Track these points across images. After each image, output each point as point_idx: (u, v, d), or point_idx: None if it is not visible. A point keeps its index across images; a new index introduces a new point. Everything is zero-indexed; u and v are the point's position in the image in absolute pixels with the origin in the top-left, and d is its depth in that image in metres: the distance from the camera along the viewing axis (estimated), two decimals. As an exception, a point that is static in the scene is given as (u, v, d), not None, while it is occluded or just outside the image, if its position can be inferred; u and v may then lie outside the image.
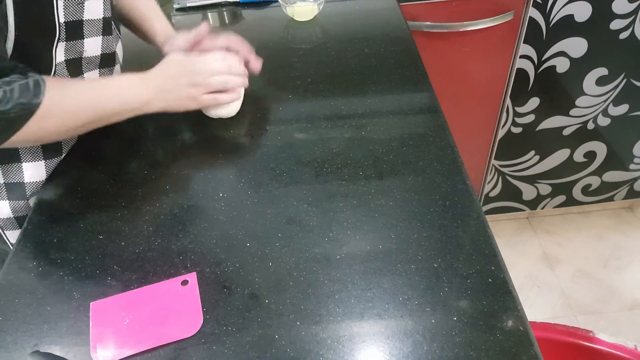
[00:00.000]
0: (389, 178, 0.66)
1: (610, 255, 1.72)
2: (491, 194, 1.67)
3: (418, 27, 1.20)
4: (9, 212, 0.71)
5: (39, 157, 0.70)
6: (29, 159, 0.69)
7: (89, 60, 0.71)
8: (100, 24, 0.69)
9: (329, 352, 0.49)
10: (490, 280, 0.54)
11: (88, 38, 0.68)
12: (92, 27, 0.68)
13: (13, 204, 0.70)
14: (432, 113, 0.76)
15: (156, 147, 0.75)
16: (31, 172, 0.70)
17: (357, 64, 0.88)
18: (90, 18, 0.67)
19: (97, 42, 0.70)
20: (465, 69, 1.32)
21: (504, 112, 1.42)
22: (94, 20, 0.68)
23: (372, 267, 0.56)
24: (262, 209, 0.64)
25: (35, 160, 0.70)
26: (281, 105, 0.80)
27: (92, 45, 0.69)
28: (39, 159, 0.70)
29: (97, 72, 0.73)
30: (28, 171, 0.69)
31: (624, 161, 1.59)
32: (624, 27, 1.25)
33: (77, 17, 0.65)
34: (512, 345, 0.48)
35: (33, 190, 0.70)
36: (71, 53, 0.67)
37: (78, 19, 0.65)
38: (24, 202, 0.71)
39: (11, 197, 0.70)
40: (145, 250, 0.60)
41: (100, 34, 0.70)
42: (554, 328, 0.91)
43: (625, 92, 1.40)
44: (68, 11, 0.63)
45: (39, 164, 0.70)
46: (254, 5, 1.10)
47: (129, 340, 0.51)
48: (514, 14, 1.21)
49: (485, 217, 0.60)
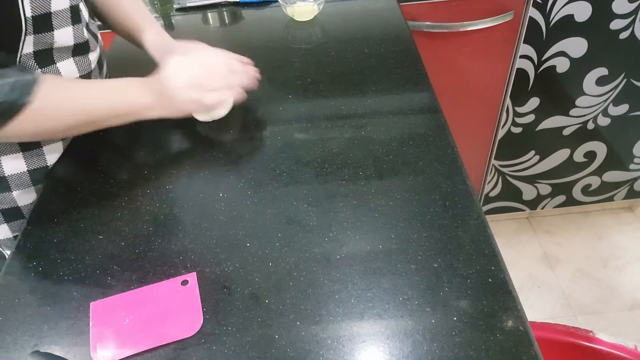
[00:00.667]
0: (389, 178, 0.66)
1: (610, 255, 1.72)
2: (491, 194, 1.67)
3: (418, 27, 1.20)
4: None
5: (16, 150, 0.69)
6: (7, 152, 0.69)
7: (61, 50, 0.68)
8: (68, 13, 0.67)
9: (329, 352, 0.49)
10: (490, 280, 0.54)
11: (58, 29, 0.66)
12: (61, 18, 0.66)
13: None
14: (432, 113, 0.76)
15: (156, 147, 0.75)
16: (10, 166, 0.69)
17: (357, 64, 0.88)
18: (58, 9, 0.65)
19: (68, 32, 0.68)
20: (466, 69, 1.32)
21: (504, 112, 1.42)
22: (62, 11, 0.65)
23: (372, 267, 0.56)
24: (262, 209, 0.64)
25: (14, 152, 0.69)
26: (281, 105, 0.80)
27: (62, 36, 0.67)
28: (17, 151, 0.69)
29: (71, 59, 0.71)
30: (7, 165, 0.69)
31: (624, 161, 1.59)
32: (624, 27, 1.25)
33: (44, 10, 0.62)
34: (512, 345, 0.48)
35: (16, 183, 0.70)
36: (40, 45, 0.65)
37: (45, 11, 0.63)
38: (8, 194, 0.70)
39: None
40: (145, 250, 0.60)
41: (69, 23, 0.67)
42: (554, 328, 0.91)
43: (625, 92, 1.40)
44: (35, 5, 0.61)
45: (18, 156, 0.69)
46: (254, 5, 1.10)
47: (129, 340, 0.51)
48: (514, 14, 1.21)
49: (485, 217, 0.60)
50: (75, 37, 0.69)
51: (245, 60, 0.78)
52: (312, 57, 0.91)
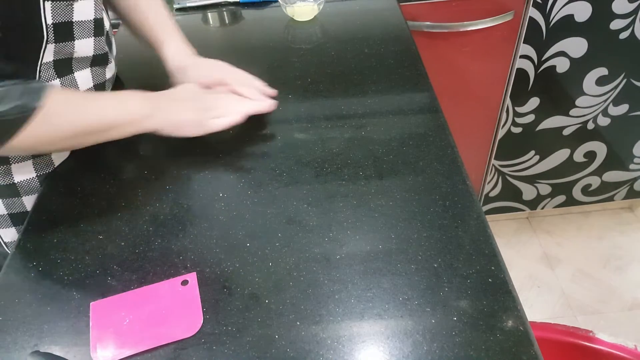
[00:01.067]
0: (389, 178, 0.66)
1: (610, 255, 1.72)
2: (491, 194, 1.67)
3: (418, 27, 1.20)
4: (3, 209, 0.71)
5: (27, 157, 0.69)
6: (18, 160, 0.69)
7: (80, 60, 0.69)
8: (91, 25, 0.68)
9: (329, 352, 0.49)
10: (490, 281, 0.54)
11: (79, 40, 0.67)
12: (83, 28, 0.67)
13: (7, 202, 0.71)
14: (432, 113, 0.76)
15: (156, 148, 0.75)
16: (20, 173, 0.69)
17: (357, 64, 0.88)
18: (80, 19, 0.65)
19: (89, 43, 0.69)
20: (466, 69, 1.32)
21: (504, 112, 1.42)
22: (85, 22, 0.66)
23: (372, 267, 0.56)
24: (262, 209, 0.64)
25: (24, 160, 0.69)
26: (281, 105, 0.79)
27: (83, 47, 0.68)
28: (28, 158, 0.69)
29: (89, 70, 0.72)
30: (17, 172, 0.69)
31: (624, 161, 1.59)
32: (624, 27, 1.25)
33: (66, 18, 0.63)
34: (512, 345, 0.48)
35: (25, 189, 0.70)
36: (61, 54, 0.66)
37: (67, 20, 0.64)
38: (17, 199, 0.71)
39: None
40: (145, 250, 0.60)
41: (92, 35, 0.68)
42: (554, 328, 0.91)
43: (625, 92, 1.40)
44: (56, 13, 0.61)
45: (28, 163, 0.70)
46: (254, 5, 1.10)
47: (129, 340, 0.51)
48: (514, 14, 1.21)
49: (485, 217, 0.60)
50: (95, 48, 0.70)
51: (261, 85, 0.77)
52: (312, 57, 0.91)
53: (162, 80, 0.79)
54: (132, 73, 0.90)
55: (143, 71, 0.91)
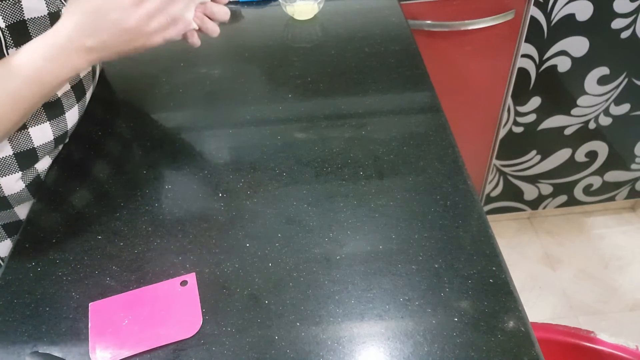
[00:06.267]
0: (390, 178, 0.66)
1: (612, 256, 1.72)
2: (492, 194, 1.67)
3: (419, 26, 1.20)
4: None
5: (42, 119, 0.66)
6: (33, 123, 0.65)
7: None
8: (47, 20, 0.63)
9: (329, 353, 0.49)
10: (492, 281, 0.53)
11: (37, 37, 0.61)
12: (39, 25, 0.62)
13: None
14: (432, 112, 0.76)
15: (155, 147, 0.75)
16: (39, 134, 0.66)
17: (357, 63, 0.87)
18: (33, 16, 0.61)
19: None
20: (466, 68, 1.32)
21: (505, 112, 1.42)
22: (39, 18, 0.62)
23: (373, 267, 0.56)
24: (262, 209, 0.63)
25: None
26: (281, 105, 0.79)
27: None
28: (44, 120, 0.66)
29: None
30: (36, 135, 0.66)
31: (626, 161, 1.59)
32: (625, 26, 1.25)
33: (17, 18, 0.60)
34: (513, 346, 0.48)
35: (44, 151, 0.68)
36: None
37: (19, 19, 0.60)
38: None
39: None
40: (144, 250, 0.60)
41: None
42: (555, 329, 0.91)
43: (627, 92, 1.40)
44: (5, 14, 0.58)
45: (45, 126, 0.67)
46: (253, 4, 1.10)
47: (128, 341, 0.51)
48: (515, 13, 1.20)
49: (486, 217, 0.60)
50: None
51: None
52: (312, 56, 0.91)
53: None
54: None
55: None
